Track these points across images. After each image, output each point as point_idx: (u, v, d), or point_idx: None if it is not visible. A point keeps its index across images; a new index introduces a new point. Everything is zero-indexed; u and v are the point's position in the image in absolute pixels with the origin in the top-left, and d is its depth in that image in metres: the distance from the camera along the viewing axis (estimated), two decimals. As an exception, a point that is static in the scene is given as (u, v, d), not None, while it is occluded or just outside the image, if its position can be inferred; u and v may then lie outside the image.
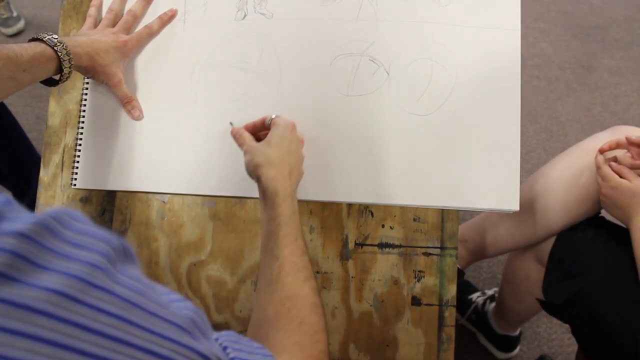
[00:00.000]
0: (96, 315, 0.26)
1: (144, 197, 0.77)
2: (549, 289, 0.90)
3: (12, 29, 1.84)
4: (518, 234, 1.01)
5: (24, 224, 0.25)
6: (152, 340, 0.29)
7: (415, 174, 0.72)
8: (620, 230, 0.87)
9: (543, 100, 1.73)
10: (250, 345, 0.41)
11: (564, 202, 0.91)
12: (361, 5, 0.75)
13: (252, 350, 0.41)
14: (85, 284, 0.26)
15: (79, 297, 0.26)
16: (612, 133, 0.92)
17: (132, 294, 0.29)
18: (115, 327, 0.27)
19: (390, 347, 0.73)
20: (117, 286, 0.28)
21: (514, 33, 0.73)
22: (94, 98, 0.78)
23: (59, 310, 0.25)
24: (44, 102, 1.72)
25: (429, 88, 0.73)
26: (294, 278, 0.53)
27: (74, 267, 0.26)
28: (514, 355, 1.33)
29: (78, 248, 0.27)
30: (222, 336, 0.40)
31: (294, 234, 0.56)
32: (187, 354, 0.31)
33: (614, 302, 0.80)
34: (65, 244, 0.27)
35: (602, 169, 0.83)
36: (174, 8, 0.78)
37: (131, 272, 0.31)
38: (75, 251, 0.27)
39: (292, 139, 0.65)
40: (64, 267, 0.26)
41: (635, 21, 1.90)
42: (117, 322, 0.27)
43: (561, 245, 0.90)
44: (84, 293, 0.26)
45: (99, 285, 0.27)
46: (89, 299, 0.26)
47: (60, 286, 0.25)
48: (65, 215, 0.28)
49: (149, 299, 0.30)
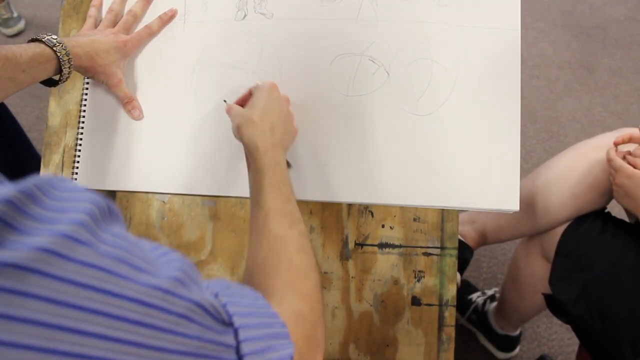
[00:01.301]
0: (85, 269, 0.27)
1: (144, 197, 0.77)
2: (557, 283, 0.90)
3: (13, 29, 1.84)
4: (519, 224, 1.03)
5: (8, 191, 0.26)
6: (143, 291, 0.29)
7: (415, 174, 0.72)
8: (628, 225, 0.88)
9: (543, 100, 1.73)
10: (241, 290, 0.42)
11: (569, 192, 0.92)
12: (361, 5, 0.75)
13: (243, 294, 0.41)
14: (71, 240, 0.26)
15: (65, 253, 0.26)
16: (619, 134, 0.93)
17: (118, 250, 0.29)
18: (105, 280, 0.27)
19: (390, 347, 0.73)
20: (102, 244, 0.28)
21: (514, 33, 0.73)
22: (94, 98, 0.78)
23: (47, 267, 0.25)
24: (44, 102, 1.72)
25: (429, 88, 0.73)
26: (279, 223, 0.54)
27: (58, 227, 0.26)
28: (514, 355, 1.33)
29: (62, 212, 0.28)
30: (213, 283, 0.40)
31: (278, 183, 0.57)
32: (180, 303, 0.31)
33: (623, 294, 0.81)
34: (48, 212, 0.27)
35: (615, 160, 0.84)
36: (174, 8, 0.78)
37: (116, 230, 0.31)
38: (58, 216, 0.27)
39: (273, 96, 0.66)
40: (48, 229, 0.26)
41: (635, 21, 1.90)
42: (106, 275, 0.28)
43: (568, 238, 0.91)
44: (70, 250, 0.26)
45: (85, 242, 0.27)
46: (76, 255, 0.27)
47: (46, 244, 0.25)
48: (47, 184, 0.28)
49: (136, 255, 0.30)
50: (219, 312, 0.35)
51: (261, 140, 0.60)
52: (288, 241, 0.53)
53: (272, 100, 0.65)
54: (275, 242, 0.52)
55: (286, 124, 0.67)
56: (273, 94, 0.66)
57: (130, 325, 0.28)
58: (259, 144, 0.60)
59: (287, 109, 0.69)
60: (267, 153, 0.59)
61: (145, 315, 0.29)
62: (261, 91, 0.66)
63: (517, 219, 1.03)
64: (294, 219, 0.55)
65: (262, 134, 0.61)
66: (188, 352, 0.31)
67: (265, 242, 0.53)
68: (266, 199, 0.56)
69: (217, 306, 0.35)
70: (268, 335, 0.39)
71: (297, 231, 0.54)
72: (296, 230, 0.54)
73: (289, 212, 0.56)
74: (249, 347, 0.36)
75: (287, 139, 0.67)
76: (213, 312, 0.35)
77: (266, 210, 0.55)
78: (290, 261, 0.51)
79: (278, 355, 0.39)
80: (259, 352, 0.37)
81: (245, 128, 0.62)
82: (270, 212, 0.54)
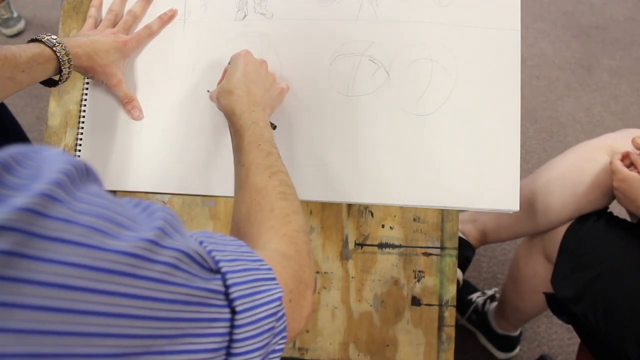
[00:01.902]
0: (66, 226, 0.27)
1: (144, 197, 0.77)
2: (559, 282, 0.90)
3: (13, 29, 1.84)
4: (520, 223, 1.03)
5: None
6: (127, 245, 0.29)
7: (415, 174, 0.72)
8: (630, 224, 0.88)
9: (543, 100, 1.73)
10: (224, 239, 0.42)
11: (570, 192, 0.92)
12: (361, 5, 0.75)
13: (226, 242, 0.41)
14: (48, 199, 0.26)
15: (45, 212, 0.26)
16: (621, 135, 0.93)
17: (98, 208, 0.29)
18: (88, 236, 0.27)
19: (390, 347, 0.73)
20: (80, 203, 0.29)
21: (514, 33, 0.73)
22: (94, 98, 0.78)
23: (27, 226, 0.25)
24: (44, 102, 1.72)
25: (429, 88, 0.73)
26: (260, 177, 0.55)
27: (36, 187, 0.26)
28: (514, 355, 1.33)
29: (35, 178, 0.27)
30: (196, 233, 0.40)
31: (257, 141, 0.58)
32: (166, 253, 0.31)
33: (627, 292, 0.81)
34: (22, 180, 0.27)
35: (614, 162, 0.85)
36: (174, 8, 0.78)
37: (94, 189, 0.31)
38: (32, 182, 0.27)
39: (247, 62, 0.67)
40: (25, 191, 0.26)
41: (635, 21, 1.90)
42: (88, 231, 0.28)
43: (571, 237, 0.91)
44: (49, 208, 0.26)
45: (62, 200, 0.27)
46: (56, 214, 0.27)
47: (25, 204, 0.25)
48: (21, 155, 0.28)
49: (116, 212, 0.30)
50: (205, 260, 0.35)
51: (237, 104, 0.62)
52: (269, 191, 0.54)
53: (246, 66, 0.66)
54: (256, 194, 0.54)
55: (265, 84, 0.68)
56: (247, 59, 0.67)
57: (118, 277, 0.28)
58: (236, 109, 0.62)
59: (265, 71, 0.70)
60: (244, 114, 0.61)
61: (133, 267, 0.29)
62: (235, 60, 0.68)
63: (518, 219, 1.03)
64: (274, 170, 0.56)
65: (238, 99, 0.62)
66: (177, 300, 0.31)
67: (247, 195, 0.54)
68: (246, 157, 0.57)
69: (202, 253, 0.35)
70: (255, 279, 0.39)
71: (278, 180, 0.55)
72: (276, 179, 0.55)
73: (269, 165, 0.57)
74: (238, 292, 0.36)
75: (267, 98, 0.67)
76: (199, 259, 0.35)
77: (247, 167, 0.56)
78: (271, 209, 0.52)
79: (267, 298, 0.39)
80: (248, 295, 0.37)
81: (222, 97, 0.64)
82: (251, 168, 0.56)
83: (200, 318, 0.33)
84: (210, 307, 0.34)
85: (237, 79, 0.64)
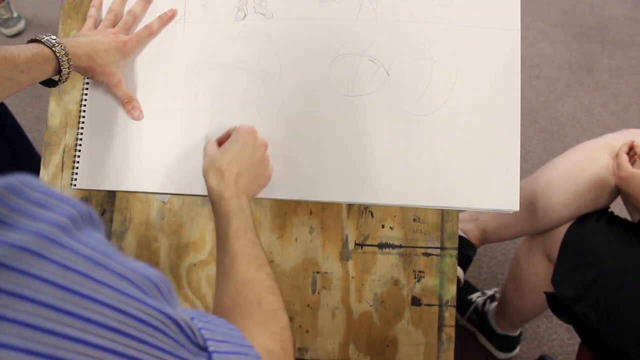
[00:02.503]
0: (63, 272, 0.27)
1: (144, 197, 0.77)
2: (560, 282, 0.90)
3: (13, 29, 1.84)
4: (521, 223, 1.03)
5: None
6: (118, 298, 0.29)
7: (415, 174, 0.72)
8: (631, 224, 0.88)
9: (543, 100, 1.73)
10: (217, 321, 0.42)
11: (571, 191, 0.92)
12: (361, 5, 0.75)
13: (218, 324, 0.42)
14: (50, 242, 0.27)
15: (45, 254, 0.26)
16: (621, 135, 0.93)
17: (97, 254, 0.29)
18: (82, 284, 0.27)
19: (390, 347, 0.73)
20: (82, 246, 0.29)
21: (514, 33, 0.73)
22: (94, 98, 0.78)
23: (26, 266, 0.25)
24: (44, 102, 1.72)
25: (429, 88, 0.73)
26: (247, 267, 0.55)
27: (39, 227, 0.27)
28: (514, 355, 1.33)
29: (44, 208, 0.28)
30: (189, 310, 0.41)
31: (244, 229, 0.58)
32: (155, 315, 0.31)
33: (629, 291, 0.81)
34: (31, 204, 0.27)
35: (620, 156, 0.85)
36: (174, 8, 0.78)
37: (96, 236, 0.31)
38: (40, 211, 0.27)
39: (247, 142, 0.66)
40: (30, 226, 0.26)
41: (635, 21, 1.90)
42: (84, 279, 0.28)
43: (572, 237, 0.91)
44: (50, 251, 0.27)
45: (64, 245, 0.28)
46: (55, 257, 0.27)
47: (26, 243, 0.25)
48: (28, 179, 0.29)
49: (114, 261, 0.30)
50: (194, 334, 0.35)
51: (227, 190, 0.61)
52: (256, 283, 0.53)
53: (244, 147, 0.65)
54: (243, 285, 0.53)
55: (257, 171, 0.67)
56: (248, 139, 0.66)
57: (107, 331, 0.28)
58: (224, 193, 0.61)
59: (262, 156, 0.69)
60: (232, 199, 0.60)
61: (122, 324, 0.29)
62: (237, 135, 0.67)
63: (519, 218, 1.03)
64: (260, 262, 0.56)
65: (228, 183, 0.62)
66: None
67: (233, 285, 0.53)
68: (232, 245, 0.56)
69: (192, 327, 0.35)
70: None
71: (264, 273, 0.55)
72: (263, 272, 0.55)
73: (255, 256, 0.56)
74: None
75: (255, 185, 0.67)
76: (188, 332, 0.34)
77: (233, 255, 0.56)
78: (259, 302, 0.52)
79: None
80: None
81: (211, 175, 0.63)
82: (237, 257, 0.55)
83: None
84: None
85: (231, 159, 0.63)
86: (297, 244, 0.75)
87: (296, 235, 0.75)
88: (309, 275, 0.75)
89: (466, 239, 1.13)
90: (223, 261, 0.56)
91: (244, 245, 0.56)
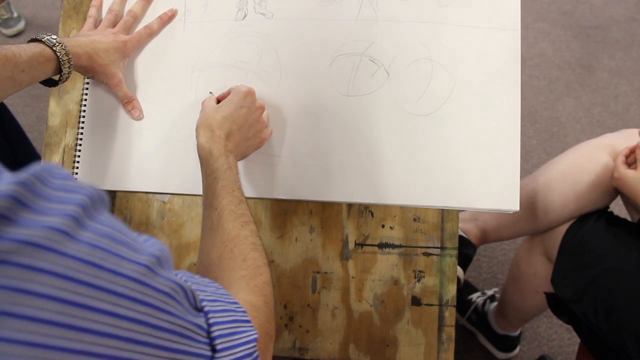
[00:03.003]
0: (91, 250, 0.29)
1: (144, 197, 0.77)
2: (560, 281, 0.90)
3: (13, 29, 1.84)
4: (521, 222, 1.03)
5: (23, 175, 0.27)
6: (138, 270, 0.31)
7: (415, 174, 0.72)
8: (631, 224, 0.89)
9: (543, 100, 1.73)
10: (203, 280, 0.44)
11: (571, 191, 0.92)
12: (361, 5, 0.75)
13: (205, 284, 0.43)
14: (77, 222, 0.28)
15: (73, 234, 0.28)
16: (621, 135, 0.93)
17: (115, 232, 0.31)
18: (107, 260, 0.29)
19: (390, 347, 0.73)
20: (102, 226, 0.30)
21: (514, 33, 0.73)
22: (94, 98, 0.78)
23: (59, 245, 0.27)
24: (44, 102, 1.72)
25: (429, 88, 0.73)
26: (233, 223, 0.56)
27: (67, 208, 0.28)
28: (514, 355, 1.33)
29: (67, 192, 0.29)
30: (180, 272, 0.42)
31: (231, 187, 0.59)
32: (167, 284, 0.33)
33: (628, 291, 0.81)
34: (55, 190, 0.29)
35: (617, 158, 0.86)
36: (174, 8, 0.78)
37: (105, 217, 0.32)
38: (64, 194, 0.29)
39: (243, 104, 0.66)
40: (57, 209, 0.28)
41: (635, 21, 1.90)
42: (108, 255, 0.29)
43: (572, 237, 0.91)
44: (76, 232, 0.28)
45: (86, 226, 0.29)
46: (82, 237, 0.28)
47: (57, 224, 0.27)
48: (51, 166, 0.30)
49: (127, 236, 0.32)
50: (193, 296, 0.37)
51: (216, 146, 0.62)
52: (241, 239, 0.55)
53: (240, 108, 0.66)
54: (229, 241, 0.54)
55: (249, 132, 0.67)
56: (245, 100, 0.67)
57: (130, 302, 0.30)
58: (214, 150, 0.61)
59: (256, 118, 0.68)
60: (221, 157, 0.61)
61: (142, 294, 0.31)
62: (234, 95, 0.67)
63: (518, 218, 1.03)
64: (246, 219, 0.57)
65: (218, 141, 0.62)
66: (176, 332, 0.33)
67: (220, 240, 0.55)
68: (220, 202, 0.57)
69: (192, 290, 0.37)
70: (234, 320, 0.41)
71: (249, 230, 0.56)
72: (248, 229, 0.56)
73: (241, 213, 0.57)
74: (219, 331, 0.38)
75: (245, 147, 0.67)
76: (189, 295, 0.36)
77: (220, 211, 0.57)
78: (244, 258, 0.53)
79: (245, 338, 0.41)
80: (227, 335, 0.39)
81: (202, 131, 0.63)
82: (224, 213, 0.56)
83: (189, 352, 0.34)
84: (198, 342, 0.35)
85: (224, 117, 0.64)
86: (297, 243, 0.75)
87: (296, 235, 0.75)
88: (309, 275, 0.75)
89: (466, 238, 1.13)
90: (210, 217, 0.58)
91: (230, 202, 0.57)
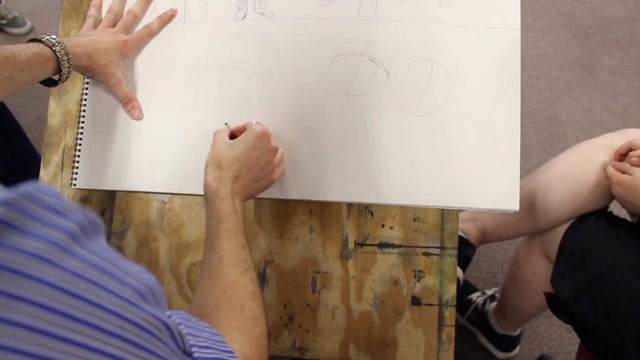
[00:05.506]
0: (74, 279, 0.28)
1: (144, 197, 0.77)
2: (559, 282, 0.90)
3: (21, 29, 1.84)
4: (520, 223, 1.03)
5: (10, 194, 0.27)
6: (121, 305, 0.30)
7: (415, 174, 0.72)
8: (630, 224, 0.89)
9: (543, 100, 1.73)
10: (200, 324, 0.43)
11: (570, 191, 0.92)
12: (361, 5, 0.75)
13: (201, 328, 0.42)
14: (62, 250, 0.28)
15: (56, 262, 0.27)
16: (621, 134, 0.93)
17: (104, 262, 0.30)
18: (90, 292, 0.28)
19: (390, 347, 0.73)
20: (91, 254, 0.29)
21: (514, 33, 0.73)
22: (94, 98, 0.78)
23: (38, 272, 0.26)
24: (44, 102, 1.72)
25: (429, 88, 0.73)
26: (233, 269, 0.55)
27: (52, 234, 0.27)
28: (514, 355, 1.33)
29: (57, 215, 0.28)
30: (175, 313, 0.41)
31: (235, 230, 0.58)
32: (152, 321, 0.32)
33: (628, 292, 0.81)
34: (44, 210, 0.28)
35: (607, 169, 0.86)
36: (174, 8, 0.78)
37: (101, 242, 0.32)
38: (54, 218, 0.28)
39: (256, 145, 0.65)
40: (43, 232, 0.27)
41: (635, 21, 1.90)
42: (92, 287, 0.28)
43: (571, 237, 0.91)
44: (61, 259, 0.27)
45: (74, 253, 0.28)
46: (66, 265, 0.28)
47: (39, 250, 0.26)
48: (43, 186, 0.29)
49: (117, 267, 0.31)
50: (182, 340, 0.36)
51: (223, 188, 0.60)
52: (240, 287, 0.54)
53: (252, 149, 0.64)
54: (228, 287, 0.53)
55: (258, 175, 0.65)
56: (259, 141, 0.65)
57: (110, 337, 0.28)
58: (220, 191, 0.60)
59: (268, 161, 0.67)
60: (227, 199, 0.60)
61: (123, 329, 0.29)
62: (248, 134, 0.65)
63: (518, 218, 1.03)
64: (247, 266, 0.56)
65: (226, 182, 0.61)
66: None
67: (218, 285, 0.54)
68: (221, 245, 0.56)
69: (181, 333, 0.36)
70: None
71: (249, 278, 0.55)
72: (248, 277, 0.55)
73: (243, 259, 0.57)
74: None
75: (252, 189, 0.66)
76: (177, 338, 0.35)
77: (221, 255, 0.56)
78: (242, 307, 0.52)
79: None
80: None
81: (210, 169, 0.62)
82: (225, 258, 0.56)
83: None
84: None
85: (235, 157, 0.62)
86: (297, 243, 0.75)
87: (296, 235, 0.75)
88: (309, 275, 0.75)
89: (465, 239, 1.13)
90: (211, 259, 0.57)
91: (232, 247, 0.56)
